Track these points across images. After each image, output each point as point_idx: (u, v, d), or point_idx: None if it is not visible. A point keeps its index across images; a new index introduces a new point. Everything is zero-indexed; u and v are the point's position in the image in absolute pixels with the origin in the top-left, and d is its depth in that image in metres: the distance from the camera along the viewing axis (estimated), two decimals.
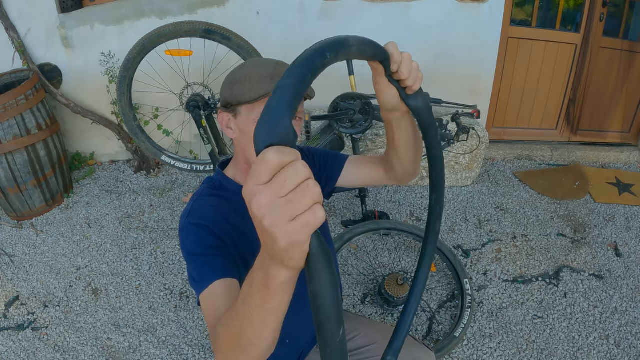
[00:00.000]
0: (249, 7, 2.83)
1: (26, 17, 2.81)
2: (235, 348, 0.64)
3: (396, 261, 2.37)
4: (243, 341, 0.62)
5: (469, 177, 3.01)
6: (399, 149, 0.93)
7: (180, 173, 3.20)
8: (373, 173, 1.10)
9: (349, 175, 1.13)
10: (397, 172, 1.01)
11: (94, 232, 2.62)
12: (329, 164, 1.14)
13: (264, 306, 0.54)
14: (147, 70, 2.71)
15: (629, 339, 1.95)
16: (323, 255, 0.44)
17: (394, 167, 1.00)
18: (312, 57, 0.48)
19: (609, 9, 3.11)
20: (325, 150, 1.18)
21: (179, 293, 2.21)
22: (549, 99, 3.43)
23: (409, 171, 1.01)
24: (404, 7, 2.86)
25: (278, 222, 0.40)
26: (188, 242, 0.90)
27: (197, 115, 2.25)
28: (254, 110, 0.91)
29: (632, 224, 2.67)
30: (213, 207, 0.95)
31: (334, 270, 0.45)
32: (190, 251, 0.88)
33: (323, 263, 0.44)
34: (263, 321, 0.56)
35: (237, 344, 0.63)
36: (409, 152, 0.94)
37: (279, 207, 0.40)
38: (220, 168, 1.06)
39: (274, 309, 0.54)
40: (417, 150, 0.96)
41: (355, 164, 1.13)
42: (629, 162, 3.39)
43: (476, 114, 2.39)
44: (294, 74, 0.45)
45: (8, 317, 2.10)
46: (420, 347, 1.21)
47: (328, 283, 0.44)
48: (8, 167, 2.55)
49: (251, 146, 0.94)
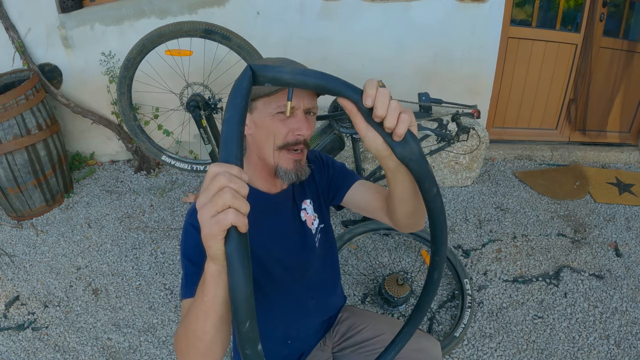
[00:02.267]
0: (249, 7, 2.83)
1: (26, 17, 2.81)
2: (187, 345, 0.72)
3: (396, 261, 2.37)
4: (191, 337, 0.70)
5: (469, 177, 3.01)
6: (394, 200, 0.88)
7: (181, 173, 3.20)
8: (376, 204, 1.05)
9: (354, 196, 1.12)
10: (394, 218, 0.97)
11: (94, 232, 2.62)
12: (340, 177, 1.14)
13: (202, 299, 0.65)
14: (147, 70, 2.71)
15: (629, 339, 1.95)
16: (237, 255, 0.53)
17: (391, 212, 0.96)
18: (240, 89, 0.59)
19: (609, 9, 3.12)
20: (343, 165, 1.17)
21: (179, 293, 2.21)
22: (549, 99, 3.43)
23: (406, 224, 0.96)
24: (404, 7, 2.86)
25: (203, 217, 0.54)
26: (185, 244, 0.92)
27: (197, 115, 2.25)
28: (272, 103, 0.91)
29: (632, 224, 2.67)
30: None
31: (245, 268, 0.53)
32: (186, 255, 0.91)
33: (236, 261, 0.53)
34: (204, 314, 0.66)
35: (187, 340, 0.71)
36: (404, 206, 0.88)
37: (204, 205, 0.54)
38: None
39: (209, 301, 0.64)
40: (416, 207, 0.88)
41: (362, 188, 1.11)
42: (629, 162, 3.39)
43: (476, 113, 2.39)
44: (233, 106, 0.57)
45: (8, 317, 2.10)
46: (427, 336, 1.23)
47: (240, 279, 0.52)
48: (8, 167, 2.55)
49: (268, 141, 0.94)
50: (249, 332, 0.54)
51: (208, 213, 0.54)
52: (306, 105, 0.92)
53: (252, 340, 0.55)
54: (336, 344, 1.26)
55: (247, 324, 0.53)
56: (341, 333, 1.26)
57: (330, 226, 1.20)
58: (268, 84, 0.60)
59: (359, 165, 2.46)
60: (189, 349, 0.71)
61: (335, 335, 1.27)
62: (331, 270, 1.22)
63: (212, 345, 0.69)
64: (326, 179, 1.15)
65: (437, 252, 0.75)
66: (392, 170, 0.76)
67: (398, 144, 0.65)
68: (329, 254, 1.19)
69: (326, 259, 1.17)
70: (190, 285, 0.85)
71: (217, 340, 0.69)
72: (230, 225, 0.53)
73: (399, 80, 3.02)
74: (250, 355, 0.55)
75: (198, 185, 3.06)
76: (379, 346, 1.20)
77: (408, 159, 0.65)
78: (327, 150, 2.35)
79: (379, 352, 1.20)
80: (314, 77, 0.61)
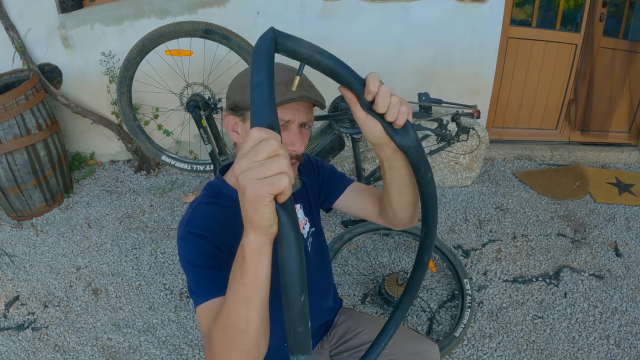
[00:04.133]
0: (249, 7, 2.83)
1: (26, 17, 2.81)
2: (226, 343, 0.65)
3: (396, 261, 2.37)
4: (232, 330, 0.63)
5: (469, 177, 3.01)
6: (390, 191, 0.88)
7: (180, 173, 3.20)
8: (370, 208, 1.07)
9: (346, 201, 1.12)
10: (388, 214, 0.97)
11: (94, 232, 2.62)
12: (332, 182, 1.14)
13: (243, 281, 0.59)
14: (147, 70, 2.71)
15: (629, 339, 1.95)
16: (291, 224, 0.51)
17: (385, 208, 0.96)
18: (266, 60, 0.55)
19: (609, 9, 3.12)
20: (333, 168, 1.17)
21: (179, 293, 2.21)
22: (549, 99, 3.43)
23: (401, 218, 0.95)
24: (404, 7, 2.86)
25: (248, 179, 0.51)
26: (186, 251, 0.88)
27: (197, 115, 2.25)
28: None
29: (632, 224, 2.67)
30: (211, 216, 0.93)
31: (300, 239, 0.51)
32: (189, 261, 0.87)
33: (290, 231, 0.51)
34: (246, 299, 0.60)
35: (227, 336, 0.64)
36: (401, 196, 0.88)
37: (252, 168, 0.50)
38: (220, 173, 1.04)
39: (251, 282, 0.58)
40: (411, 196, 0.88)
41: (355, 192, 1.12)
42: (629, 162, 3.39)
43: (476, 113, 2.39)
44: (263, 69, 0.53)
45: (8, 317, 2.10)
46: (424, 340, 1.23)
47: (294, 250, 0.50)
48: (8, 167, 2.55)
49: None
50: (303, 307, 0.51)
51: (258, 175, 0.50)
52: (302, 119, 0.89)
53: (306, 316, 0.52)
54: (333, 347, 1.26)
55: (302, 297, 0.51)
56: (338, 336, 1.26)
57: (322, 229, 1.20)
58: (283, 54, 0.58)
59: (359, 165, 2.46)
60: (230, 347, 0.64)
61: (332, 339, 1.27)
62: (325, 273, 1.22)
63: (257, 336, 0.64)
64: (317, 182, 1.14)
65: (428, 234, 0.78)
66: (389, 158, 0.77)
67: (397, 133, 0.69)
68: (321, 257, 1.18)
69: (319, 263, 1.16)
70: (203, 286, 0.82)
71: (262, 330, 0.64)
72: (282, 190, 0.50)
73: (399, 80, 3.02)
74: (304, 332, 0.52)
75: (198, 185, 3.06)
76: None
77: (407, 147, 0.69)
78: (327, 150, 2.35)
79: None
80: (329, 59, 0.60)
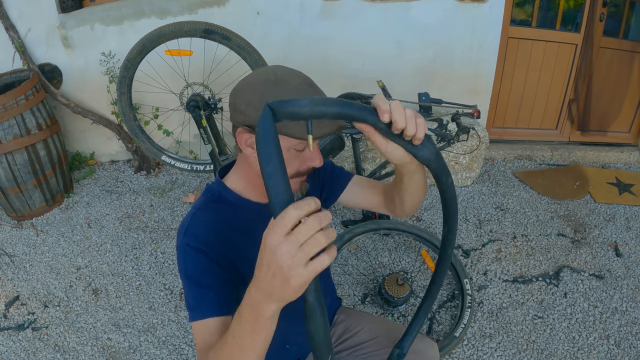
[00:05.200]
0: (249, 7, 2.83)
1: (26, 17, 2.81)
2: None
3: (396, 261, 2.37)
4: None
5: (469, 177, 3.01)
6: (404, 195, 0.94)
7: (180, 173, 3.20)
8: (373, 200, 1.12)
9: (349, 195, 1.15)
10: (397, 209, 1.04)
11: (94, 232, 2.62)
12: (333, 179, 1.15)
13: (253, 337, 0.62)
14: (147, 70, 2.71)
15: (629, 339, 1.95)
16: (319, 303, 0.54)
17: (394, 204, 1.02)
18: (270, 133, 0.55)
19: (609, 9, 3.11)
20: (332, 164, 1.17)
21: (179, 293, 2.21)
22: (549, 99, 3.43)
23: (408, 210, 1.03)
24: (404, 7, 2.86)
25: (295, 265, 0.51)
26: (185, 264, 0.89)
27: (197, 115, 2.25)
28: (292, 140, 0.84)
29: (632, 224, 2.67)
30: (210, 226, 0.91)
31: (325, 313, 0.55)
32: (188, 275, 0.88)
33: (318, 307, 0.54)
34: (252, 347, 0.64)
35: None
36: (414, 199, 0.95)
37: (297, 255, 0.50)
38: (220, 175, 1.02)
39: (263, 338, 0.62)
40: (422, 196, 0.97)
41: (357, 185, 1.15)
42: (629, 162, 3.39)
43: (476, 113, 2.39)
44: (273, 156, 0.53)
45: (8, 317, 2.10)
46: (423, 339, 1.23)
47: (321, 325, 0.54)
48: (8, 167, 2.55)
49: None
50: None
51: (301, 261, 0.51)
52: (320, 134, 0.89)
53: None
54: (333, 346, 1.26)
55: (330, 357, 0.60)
56: (337, 335, 1.26)
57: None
58: (286, 121, 0.56)
59: (359, 165, 2.46)
60: None
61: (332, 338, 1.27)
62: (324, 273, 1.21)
63: None
64: (318, 182, 1.14)
65: (451, 230, 0.82)
66: (412, 172, 0.80)
67: (419, 149, 0.68)
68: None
69: None
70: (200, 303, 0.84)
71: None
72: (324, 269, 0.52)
73: (399, 80, 3.02)
74: None
75: (198, 185, 3.06)
76: (375, 348, 1.20)
77: (429, 160, 0.69)
78: (328, 150, 2.35)
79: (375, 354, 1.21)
80: (333, 107, 0.58)
